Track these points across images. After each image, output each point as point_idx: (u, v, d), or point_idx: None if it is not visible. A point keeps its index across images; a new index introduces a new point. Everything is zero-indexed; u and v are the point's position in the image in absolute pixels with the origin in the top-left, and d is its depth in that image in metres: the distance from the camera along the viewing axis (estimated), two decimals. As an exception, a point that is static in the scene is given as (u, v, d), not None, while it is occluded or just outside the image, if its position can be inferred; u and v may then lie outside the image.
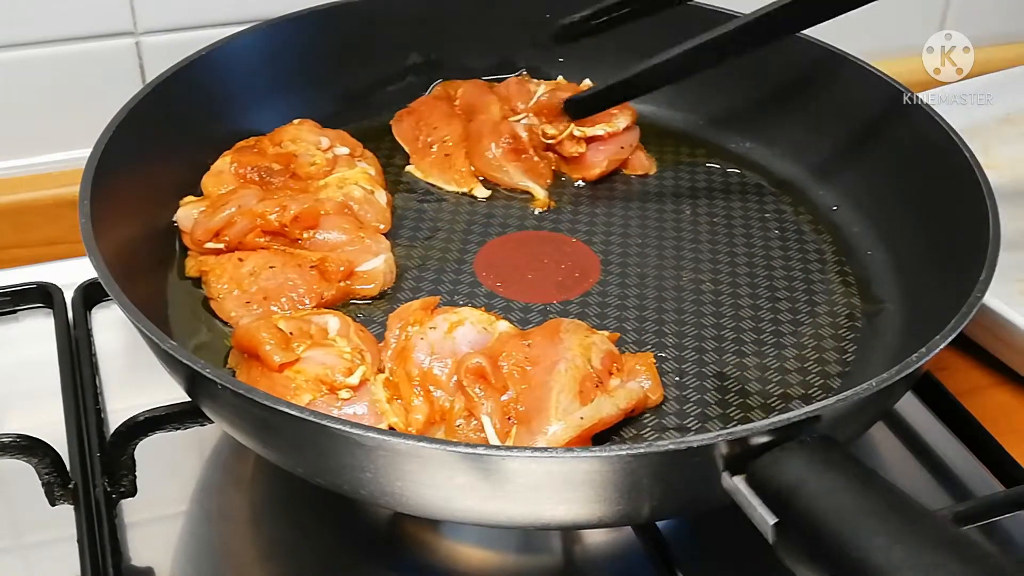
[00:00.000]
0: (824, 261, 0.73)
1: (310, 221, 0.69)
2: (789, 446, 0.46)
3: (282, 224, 0.68)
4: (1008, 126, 0.94)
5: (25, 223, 0.83)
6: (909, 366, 0.51)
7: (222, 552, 0.62)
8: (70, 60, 0.82)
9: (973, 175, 0.66)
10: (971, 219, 0.64)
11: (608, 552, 0.62)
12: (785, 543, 0.44)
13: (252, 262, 0.67)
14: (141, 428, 0.61)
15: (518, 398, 0.57)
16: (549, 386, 0.57)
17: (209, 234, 0.68)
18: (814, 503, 0.43)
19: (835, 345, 0.66)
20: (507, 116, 0.81)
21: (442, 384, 0.59)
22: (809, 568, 0.43)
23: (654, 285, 0.71)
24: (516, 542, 0.63)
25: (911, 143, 0.73)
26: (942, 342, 0.53)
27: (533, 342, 0.60)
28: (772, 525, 0.44)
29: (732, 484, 0.46)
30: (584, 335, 0.60)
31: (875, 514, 0.42)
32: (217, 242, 0.68)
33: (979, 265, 0.59)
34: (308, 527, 0.62)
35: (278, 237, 0.69)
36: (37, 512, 0.61)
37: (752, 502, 0.45)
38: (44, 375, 0.69)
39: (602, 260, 0.73)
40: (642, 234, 0.76)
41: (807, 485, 0.44)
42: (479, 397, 0.57)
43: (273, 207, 0.68)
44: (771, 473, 0.45)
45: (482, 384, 0.58)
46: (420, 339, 0.61)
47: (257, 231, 0.68)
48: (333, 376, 0.57)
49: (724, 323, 0.67)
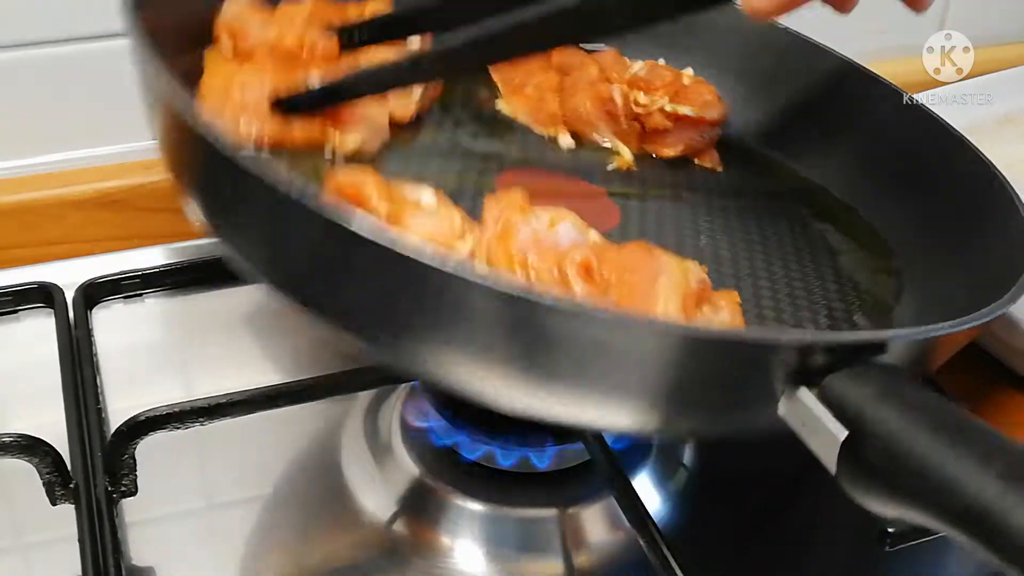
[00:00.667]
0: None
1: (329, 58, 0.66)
2: (861, 368, 0.42)
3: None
4: (1008, 126, 0.94)
5: (26, 223, 0.83)
6: (977, 318, 0.50)
7: (223, 552, 0.62)
8: (70, 60, 0.82)
9: (986, 167, 0.66)
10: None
11: (608, 552, 0.63)
12: (855, 465, 0.39)
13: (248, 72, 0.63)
14: (142, 428, 0.61)
15: (620, 303, 0.53)
16: (655, 294, 0.53)
17: (226, 28, 0.65)
18: (893, 416, 0.39)
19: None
20: (602, 80, 0.81)
21: (543, 274, 0.55)
22: (882, 495, 0.39)
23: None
24: (516, 542, 0.63)
25: (908, 145, 0.73)
26: (1001, 307, 0.51)
27: (629, 254, 0.56)
28: (842, 441, 0.40)
29: (799, 396, 0.42)
30: (678, 261, 0.57)
31: (964, 435, 0.38)
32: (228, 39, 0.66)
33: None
34: (308, 526, 0.62)
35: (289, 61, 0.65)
36: (38, 512, 0.61)
37: (820, 415, 0.41)
38: (45, 375, 0.69)
39: (622, 215, 0.71)
40: (694, 224, 0.73)
41: (886, 402, 0.39)
42: (583, 293, 0.53)
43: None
44: (845, 388, 0.41)
45: (587, 280, 0.54)
46: (524, 225, 0.57)
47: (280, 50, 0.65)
48: (446, 239, 0.54)
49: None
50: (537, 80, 0.81)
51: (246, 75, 0.63)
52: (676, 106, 0.80)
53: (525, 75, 0.82)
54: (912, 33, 0.91)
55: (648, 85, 0.82)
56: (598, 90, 0.80)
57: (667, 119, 0.80)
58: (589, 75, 0.81)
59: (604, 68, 0.83)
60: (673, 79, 0.82)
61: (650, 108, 0.80)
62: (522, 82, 0.81)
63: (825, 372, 0.42)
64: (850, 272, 0.70)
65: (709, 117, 0.80)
